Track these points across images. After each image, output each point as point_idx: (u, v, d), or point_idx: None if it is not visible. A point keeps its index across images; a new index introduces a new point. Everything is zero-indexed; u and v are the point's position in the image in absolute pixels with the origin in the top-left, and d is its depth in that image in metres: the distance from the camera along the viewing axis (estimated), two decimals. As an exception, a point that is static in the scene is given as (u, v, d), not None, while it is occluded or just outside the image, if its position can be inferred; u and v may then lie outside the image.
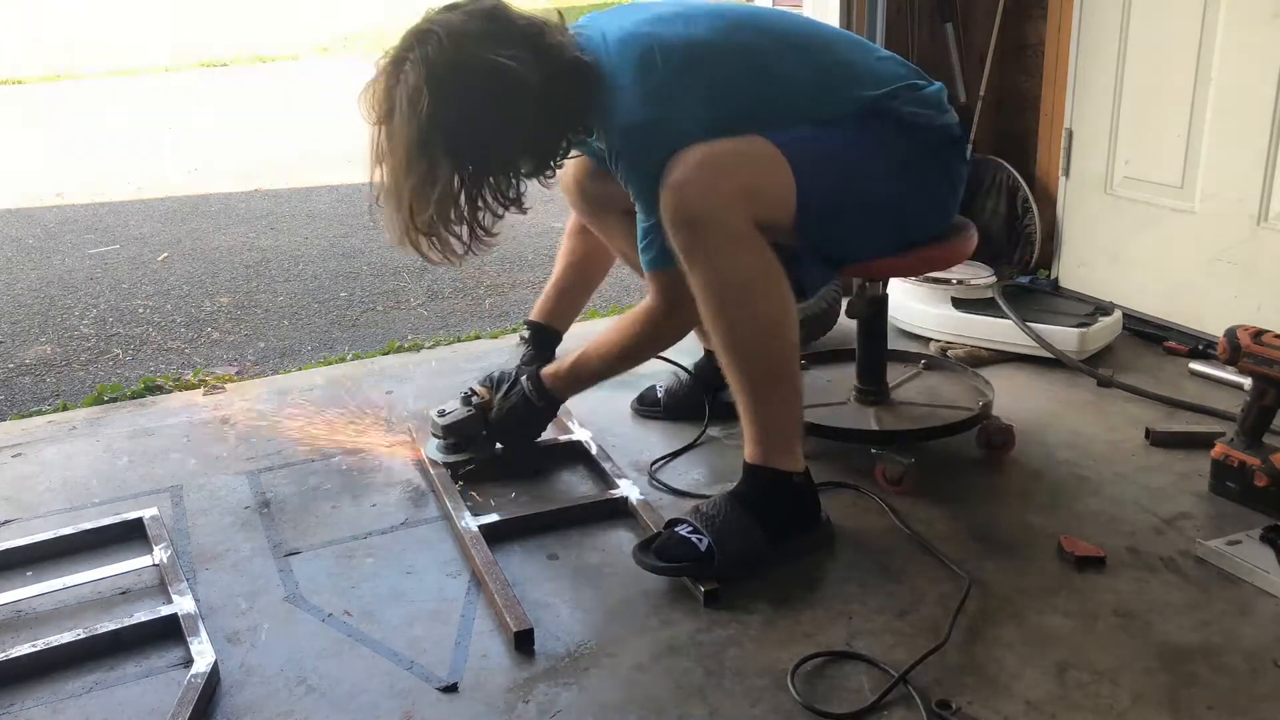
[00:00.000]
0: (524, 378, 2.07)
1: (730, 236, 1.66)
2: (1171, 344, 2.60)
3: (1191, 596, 1.68)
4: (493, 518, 1.91)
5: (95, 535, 1.92)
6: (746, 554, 1.73)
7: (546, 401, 2.06)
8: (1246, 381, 1.93)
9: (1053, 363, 2.47)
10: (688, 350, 2.43)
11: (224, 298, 3.78)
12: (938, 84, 1.90)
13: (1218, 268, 2.56)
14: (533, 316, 2.32)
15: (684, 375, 2.34)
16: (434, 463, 2.08)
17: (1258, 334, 1.86)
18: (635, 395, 2.38)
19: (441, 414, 2.09)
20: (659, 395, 2.35)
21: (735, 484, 1.80)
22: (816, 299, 2.60)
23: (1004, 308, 2.52)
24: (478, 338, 3.06)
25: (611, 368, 2.02)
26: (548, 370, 2.07)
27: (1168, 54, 2.59)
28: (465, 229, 1.73)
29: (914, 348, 2.64)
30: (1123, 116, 2.73)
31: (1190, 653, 1.55)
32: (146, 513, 1.97)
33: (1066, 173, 2.90)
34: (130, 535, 1.94)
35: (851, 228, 1.81)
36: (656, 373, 2.40)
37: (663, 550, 1.73)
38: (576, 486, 2.08)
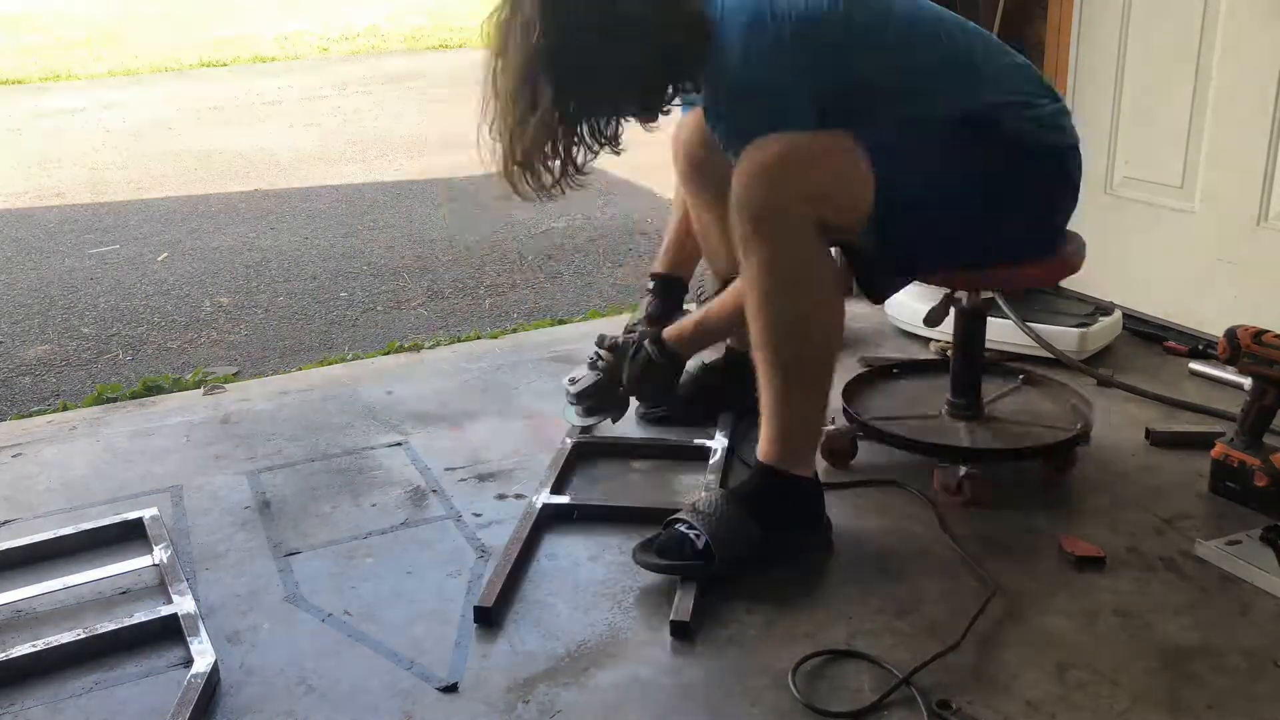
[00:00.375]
0: (646, 340, 2.11)
1: (789, 236, 1.66)
2: (1171, 344, 2.60)
3: (1191, 596, 1.68)
4: (564, 499, 1.96)
5: (95, 535, 1.92)
6: (744, 551, 1.73)
7: (671, 360, 2.11)
8: (1246, 381, 1.93)
9: (1053, 363, 2.47)
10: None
11: (224, 298, 3.78)
12: (1059, 103, 1.84)
13: (1218, 268, 2.56)
14: (657, 269, 2.31)
15: (693, 368, 2.32)
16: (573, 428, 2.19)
17: (1258, 334, 1.86)
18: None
19: (573, 381, 2.17)
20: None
21: (742, 481, 1.80)
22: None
23: (1004, 308, 2.52)
24: (478, 338, 3.06)
25: (721, 328, 2.09)
26: (669, 331, 2.11)
27: (1168, 54, 2.59)
28: (558, 164, 1.72)
29: (915, 347, 2.64)
30: (1123, 116, 2.73)
31: (1190, 653, 1.55)
32: (146, 513, 1.97)
33: (1066, 173, 2.90)
34: (130, 535, 1.93)
35: (928, 238, 1.76)
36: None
37: (663, 549, 1.73)
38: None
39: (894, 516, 1.92)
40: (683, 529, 1.74)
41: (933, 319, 2.02)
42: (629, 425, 2.30)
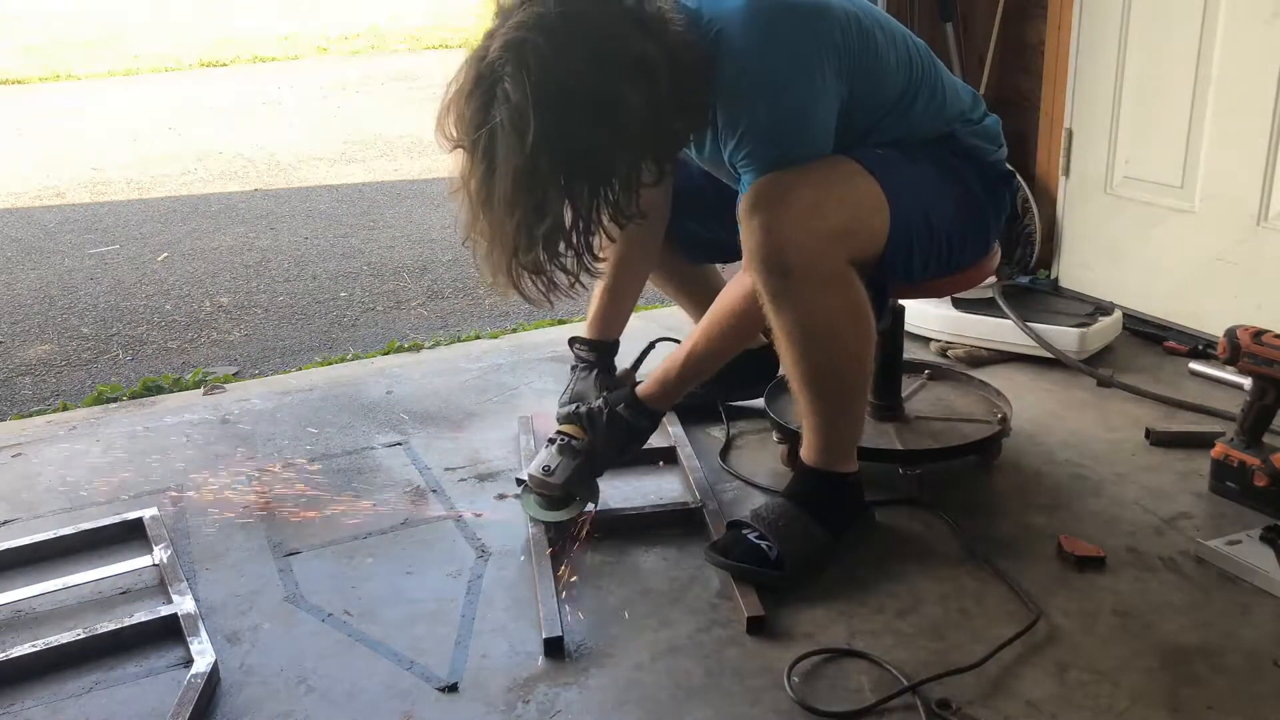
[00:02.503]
0: (620, 405, 1.88)
1: (822, 283, 1.61)
2: (1171, 344, 2.60)
3: (1191, 596, 1.68)
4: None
5: (95, 535, 1.92)
6: (811, 555, 1.73)
7: (650, 420, 1.91)
8: (1246, 381, 1.93)
9: (1053, 363, 2.47)
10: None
11: (224, 298, 3.78)
12: (994, 115, 1.88)
13: (1218, 268, 2.56)
14: (587, 335, 2.13)
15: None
16: (539, 523, 1.89)
17: (1258, 334, 1.86)
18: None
19: (547, 471, 1.84)
20: None
21: (790, 483, 1.81)
22: None
23: (1004, 308, 2.52)
24: (478, 338, 3.06)
25: (707, 366, 1.87)
26: (644, 389, 1.89)
27: (1168, 54, 2.59)
28: (573, 259, 1.54)
29: (914, 348, 2.64)
30: (1123, 116, 2.73)
31: (1190, 653, 1.55)
32: (146, 513, 1.97)
33: (1066, 172, 2.90)
34: (130, 535, 1.93)
35: (926, 259, 1.76)
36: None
37: (728, 550, 1.73)
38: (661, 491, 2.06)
39: (894, 517, 1.91)
40: (752, 537, 1.73)
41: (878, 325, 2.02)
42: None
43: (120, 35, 11.70)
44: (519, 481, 1.96)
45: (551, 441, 1.88)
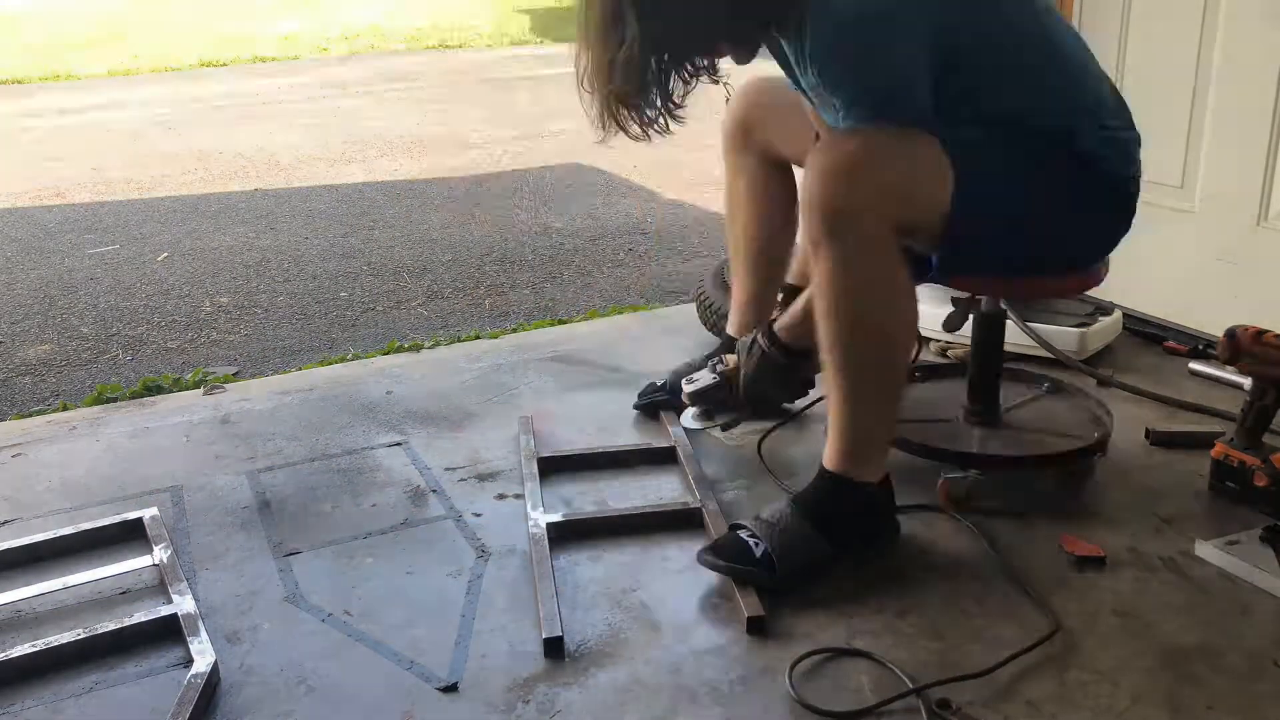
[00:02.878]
0: (759, 335, 2.01)
1: (866, 238, 1.60)
2: (1171, 344, 2.60)
3: (1191, 596, 1.68)
4: (555, 517, 1.91)
5: (95, 535, 1.92)
6: (809, 564, 1.69)
7: (786, 353, 1.98)
8: (1246, 381, 1.93)
9: (1053, 363, 2.47)
10: (710, 346, 2.43)
11: (224, 298, 3.78)
12: (1134, 131, 1.80)
13: (1218, 268, 2.56)
14: (731, 332, 2.24)
15: (695, 363, 2.31)
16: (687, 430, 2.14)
17: (1258, 334, 1.86)
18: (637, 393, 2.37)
19: (690, 382, 2.11)
20: (664, 382, 2.30)
21: (804, 488, 1.77)
22: None
23: (1004, 307, 2.52)
24: (478, 338, 3.06)
25: None
26: (781, 321, 1.99)
27: (1168, 54, 2.59)
28: (657, 97, 1.65)
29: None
30: (1123, 116, 2.73)
31: (1190, 653, 1.55)
32: (146, 513, 1.97)
33: (1066, 173, 2.90)
34: (130, 535, 1.93)
35: (988, 249, 1.72)
36: (658, 372, 2.40)
37: (722, 551, 1.71)
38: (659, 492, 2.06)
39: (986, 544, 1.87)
40: (745, 536, 1.71)
41: (952, 323, 1.98)
42: (588, 434, 2.30)
43: (120, 35, 11.70)
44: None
45: (711, 366, 2.11)
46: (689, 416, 2.14)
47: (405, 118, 7.22)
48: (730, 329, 2.28)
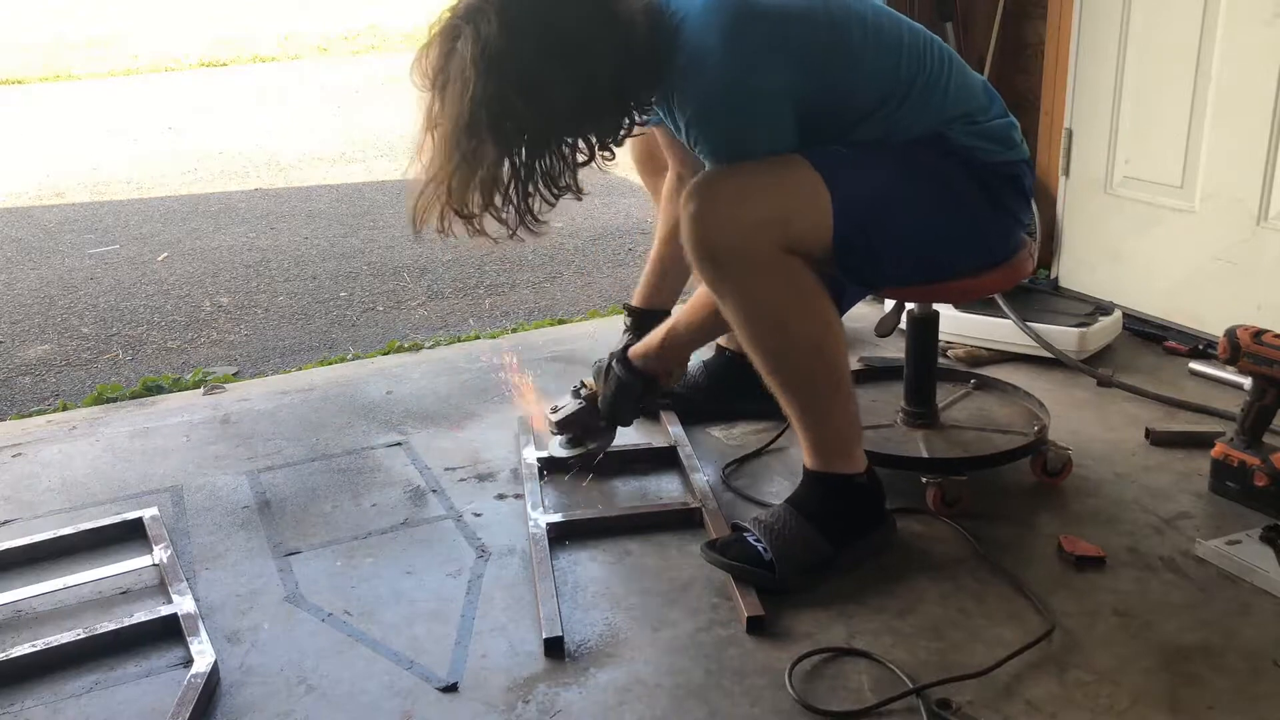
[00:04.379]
0: (614, 361, 2.04)
1: (754, 267, 1.61)
2: (1171, 344, 2.60)
3: (1191, 596, 1.68)
4: (555, 517, 1.92)
5: (95, 535, 1.92)
6: (810, 563, 1.71)
7: (638, 377, 2.01)
8: (1246, 381, 1.93)
9: (1053, 363, 2.47)
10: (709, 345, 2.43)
11: (224, 298, 3.78)
12: (1008, 117, 1.82)
13: (1218, 268, 2.56)
14: (634, 302, 2.27)
15: (693, 366, 2.32)
16: (552, 460, 2.10)
17: (1258, 334, 1.86)
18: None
19: (554, 410, 2.09)
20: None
21: (795, 490, 1.78)
22: None
23: (1004, 307, 2.52)
24: (477, 338, 3.06)
25: (698, 336, 1.98)
26: (635, 349, 2.02)
27: (1168, 54, 2.59)
28: (513, 214, 1.61)
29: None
30: (1123, 116, 2.73)
31: (1190, 653, 1.55)
32: (146, 513, 1.97)
33: (1066, 172, 2.90)
34: (130, 535, 1.94)
35: (888, 257, 1.72)
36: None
37: (726, 549, 1.73)
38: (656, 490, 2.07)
39: (975, 544, 1.87)
40: (750, 539, 1.73)
41: (884, 329, 2.00)
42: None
43: (120, 35, 11.70)
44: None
45: (574, 391, 2.10)
46: (556, 444, 2.10)
47: (406, 118, 7.21)
48: (634, 298, 2.32)
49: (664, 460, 2.14)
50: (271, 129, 6.95)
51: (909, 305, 2.01)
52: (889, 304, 2.11)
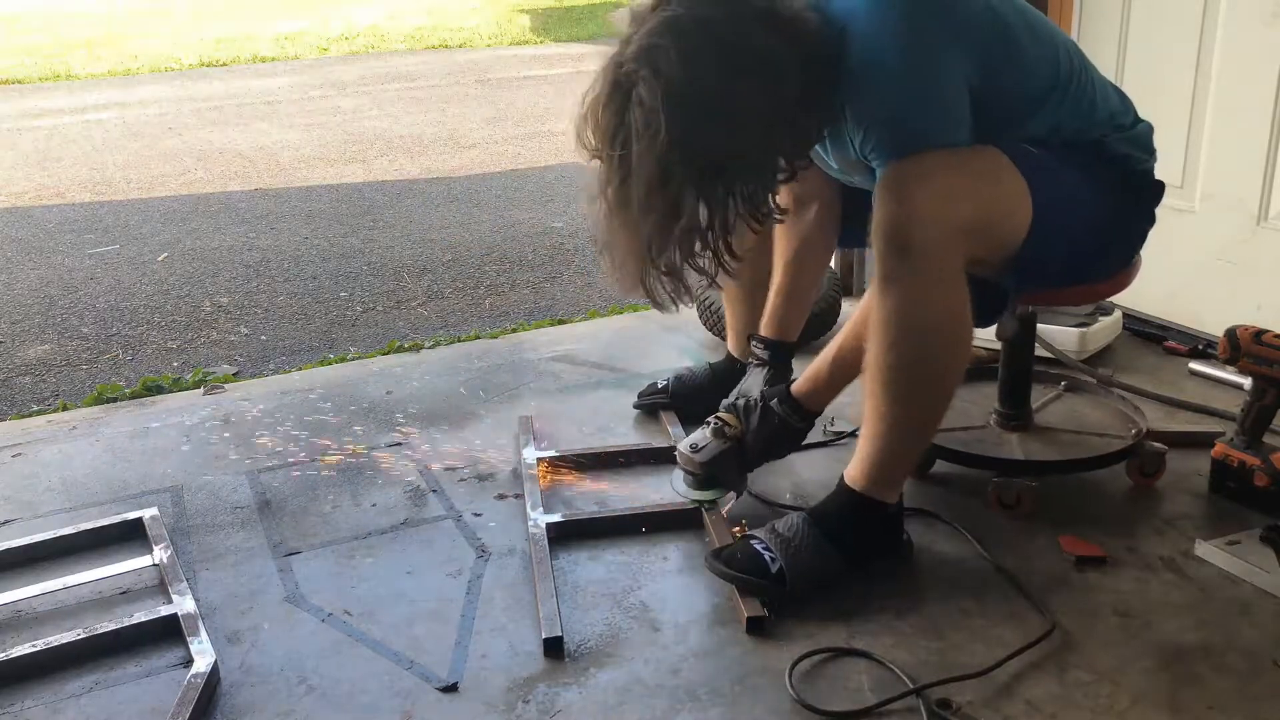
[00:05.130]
0: (775, 401, 1.90)
1: (939, 276, 1.55)
2: (1171, 344, 2.60)
3: (1191, 596, 1.68)
4: (555, 517, 1.91)
5: (95, 535, 1.92)
6: (820, 578, 1.67)
7: (804, 419, 1.92)
8: (1246, 381, 1.93)
9: (1053, 363, 2.47)
10: (711, 346, 2.43)
11: (224, 298, 3.78)
12: (1145, 123, 1.81)
13: (1218, 268, 2.56)
14: (763, 333, 2.09)
15: (697, 368, 2.32)
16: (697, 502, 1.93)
17: (1258, 334, 1.86)
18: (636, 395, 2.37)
19: (694, 449, 1.90)
20: (665, 383, 2.32)
21: (820, 501, 1.75)
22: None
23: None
24: (478, 338, 3.06)
25: (855, 361, 1.77)
26: (801, 387, 1.90)
27: (1168, 54, 2.59)
28: (711, 259, 1.54)
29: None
30: (1123, 116, 2.73)
31: (1190, 653, 1.55)
32: (146, 513, 1.97)
33: (1066, 173, 2.90)
34: (130, 535, 1.94)
35: (1059, 265, 1.70)
36: (658, 372, 2.41)
37: (732, 560, 1.69)
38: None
39: (977, 546, 1.86)
40: (758, 547, 1.69)
41: (1004, 330, 1.96)
42: (588, 434, 2.30)
43: (120, 35, 11.70)
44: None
45: (708, 423, 1.92)
46: (685, 485, 1.94)
47: (405, 117, 7.22)
48: (733, 350, 2.28)
49: (664, 460, 2.14)
50: (271, 129, 6.95)
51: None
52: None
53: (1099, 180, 1.73)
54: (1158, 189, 1.83)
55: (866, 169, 1.67)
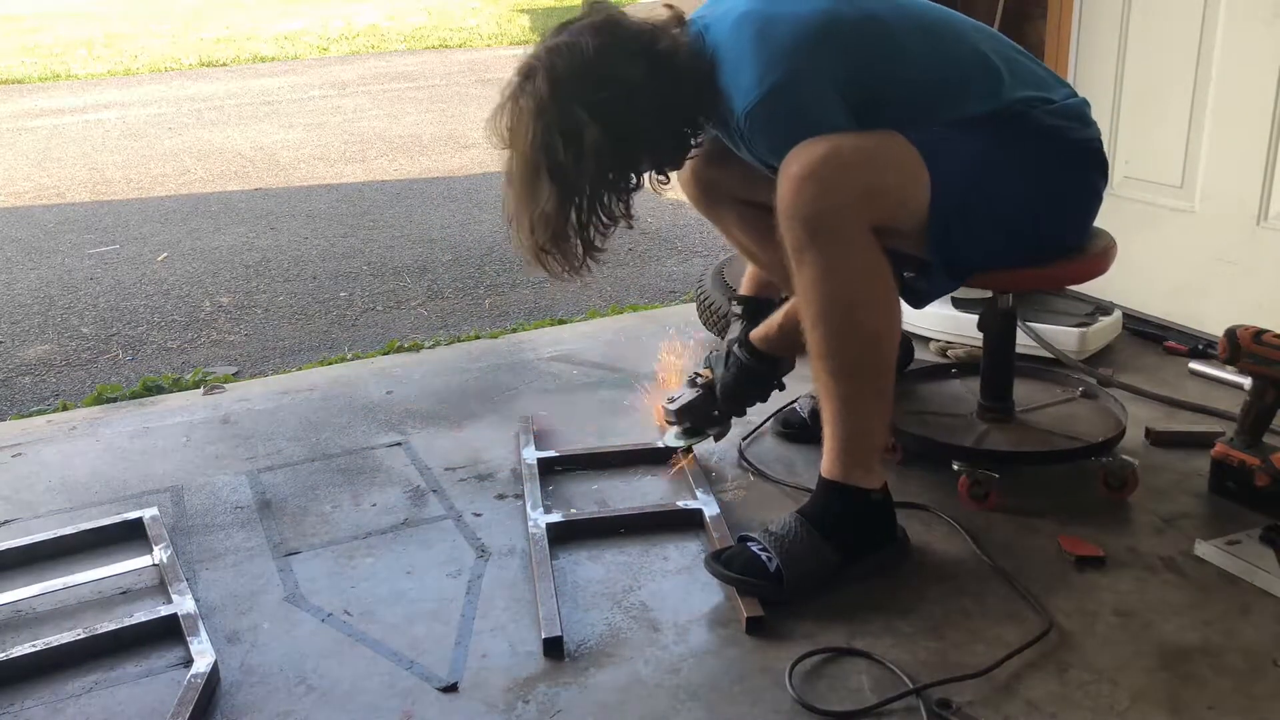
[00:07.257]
0: (735, 345, 2.05)
1: (843, 242, 1.61)
2: (1171, 344, 2.60)
3: (1191, 596, 1.68)
4: (555, 517, 1.91)
5: (95, 535, 1.92)
6: (817, 575, 1.69)
7: (763, 362, 2.03)
8: (1246, 381, 1.93)
9: (1053, 362, 2.47)
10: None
11: (224, 298, 3.78)
12: (1079, 97, 1.84)
13: (1218, 268, 2.56)
14: (742, 291, 2.21)
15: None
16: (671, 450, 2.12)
17: (1258, 334, 1.86)
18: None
19: (671, 400, 2.10)
20: (804, 417, 2.26)
21: (807, 501, 1.76)
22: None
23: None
24: (478, 338, 3.06)
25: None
26: (756, 333, 2.03)
27: (1168, 54, 2.59)
28: (579, 245, 1.76)
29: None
30: (1123, 116, 2.73)
31: (1190, 653, 1.55)
32: (146, 513, 1.97)
33: (1066, 173, 2.90)
34: (130, 535, 1.94)
35: (982, 238, 1.72)
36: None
37: (730, 562, 1.71)
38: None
39: (971, 543, 1.87)
40: (755, 549, 1.71)
41: (985, 323, 2.00)
42: (588, 434, 2.30)
43: (120, 35, 11.70)
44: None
45: (690, 381, 2.12)
46: (672, 435, 2.11)
47: (405, 118, 7.22)
48: (743, 287, 2.28)
49: (664, 460, 2.14)
50: (271, 129, 6.95)
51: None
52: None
53: (1023, 153, 1.74)
54: (1098, 159, 1.83)
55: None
